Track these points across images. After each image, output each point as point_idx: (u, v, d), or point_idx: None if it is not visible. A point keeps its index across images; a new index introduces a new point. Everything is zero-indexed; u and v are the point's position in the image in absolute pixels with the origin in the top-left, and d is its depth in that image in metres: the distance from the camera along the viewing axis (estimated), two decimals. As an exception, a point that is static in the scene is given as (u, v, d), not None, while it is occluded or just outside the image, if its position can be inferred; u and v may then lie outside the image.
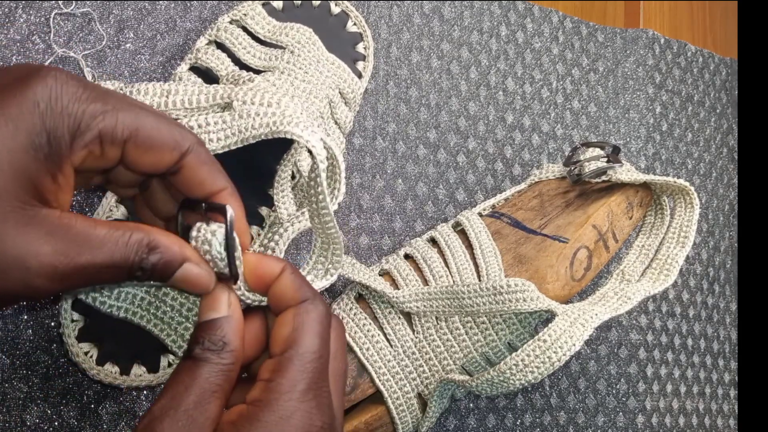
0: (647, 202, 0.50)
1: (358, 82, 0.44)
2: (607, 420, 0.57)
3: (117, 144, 0.26)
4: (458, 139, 0.53)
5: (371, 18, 0.51)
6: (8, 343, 0.37)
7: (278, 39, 0.41)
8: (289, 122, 0.31)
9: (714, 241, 0.66)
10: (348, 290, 0.45)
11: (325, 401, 0.27)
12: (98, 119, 0.25)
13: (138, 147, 0.26)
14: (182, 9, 0.44)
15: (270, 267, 0.29)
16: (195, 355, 0.27)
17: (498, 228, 0.47)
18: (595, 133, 0.61)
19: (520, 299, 0.40)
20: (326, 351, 0.28)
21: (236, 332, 0.28)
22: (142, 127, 0.26)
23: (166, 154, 0.27)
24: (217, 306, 0.28)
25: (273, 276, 0.29)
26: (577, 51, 0.61)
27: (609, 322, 0.58)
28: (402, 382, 0.43)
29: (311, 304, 0.28)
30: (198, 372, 0.26)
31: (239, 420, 0.26)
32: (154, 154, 0.27)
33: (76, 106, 0.25)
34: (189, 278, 0.27)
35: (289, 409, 0.26)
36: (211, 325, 0.27)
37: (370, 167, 0.50)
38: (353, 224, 0.48)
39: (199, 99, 0.33)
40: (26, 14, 0.39)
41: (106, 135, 0.25)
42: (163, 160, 0.27)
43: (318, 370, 0.27)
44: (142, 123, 0.26)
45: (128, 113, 0.26)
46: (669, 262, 0.46)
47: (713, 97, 0.69)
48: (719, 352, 0.65)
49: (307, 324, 0.28)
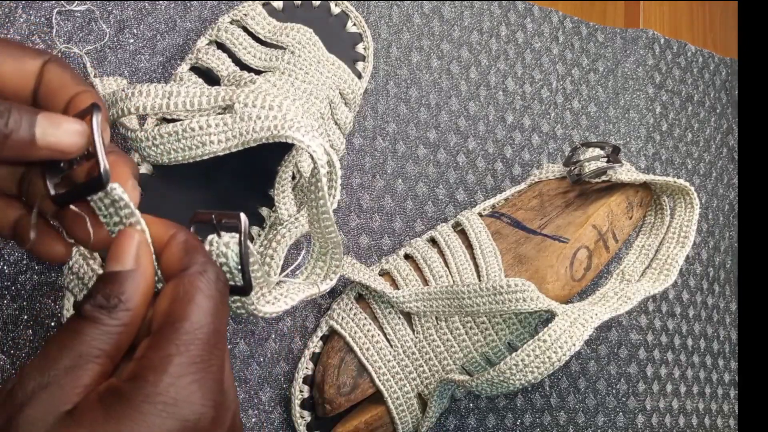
0: (647, 202, 0.50)
1: (358, 83, 0.44)
2: (607, 420, 0.57)
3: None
4: (458, 139, 0.53)
5: (371, 18, 0.51)
6: (8, 343, 0.37)
7: (279, 39, 0.41)
8: (290, 126, 0.31)
9: (714, 241, 0.67)
10: (348, 290, 0.45)
11: (212, 378, 0.24)
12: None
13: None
14: (182, 9, 0.44)
15: (158, 232, 0.26)
16: (83, 311, 0.23)
17: (498, 228, 0.47)
18: (595, 133, 0.61)
19: (520, 299, 0.40)
20: (217, 322, 0.25)
21: (139, 290, 0.24)
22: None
23: (28, 60, 0.27)
24: (123, 257, 0.24)
25: (162, 243, 0.26)
26: (577, 51, 0.61)
27: (609, 322, 0.58)
28: (402, 382, 0.43)
29: (197, 272, 0.25)
30: (81, 332, 0.23)
31: (106, 393, 0.23)
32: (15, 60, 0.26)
33: None
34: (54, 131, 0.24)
35: (161, 387, 0.23)
36: (111, 279, 0.24)
37: (370, 167, 0.50)
38: (353, 224, 0.48)
39: (200, 101, 0.33)
40: (26, 14, 0.39)
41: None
42: (26, 66, 0.27)
43: (202, 344, 0.24)
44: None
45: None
46: (669, 262, 0.47)
47: (713, 97, 0.69)
48: (719, 352, 0.65)
49: (189, 294, 0.24)
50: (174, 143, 0.33)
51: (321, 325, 0.45)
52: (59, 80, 0.27)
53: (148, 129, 0.34)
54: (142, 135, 0.34)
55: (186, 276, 0.25)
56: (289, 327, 0.45)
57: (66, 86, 0.27)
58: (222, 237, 0.27)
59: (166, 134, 0.33)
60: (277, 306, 0.30)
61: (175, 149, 0.33)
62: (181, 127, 0.33)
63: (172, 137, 0.33)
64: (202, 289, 0.25)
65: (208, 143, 0.32)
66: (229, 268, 0.27)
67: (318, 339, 0.44)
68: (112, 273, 0.24)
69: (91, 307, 0.23)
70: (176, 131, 0.33)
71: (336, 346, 0.43)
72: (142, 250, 0.25)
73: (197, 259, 0.25)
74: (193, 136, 0.33)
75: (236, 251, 0.27)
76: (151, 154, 0.34)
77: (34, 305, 0.38)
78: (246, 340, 0.44)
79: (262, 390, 0.44)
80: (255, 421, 0.44)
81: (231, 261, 0.27)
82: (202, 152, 0.33)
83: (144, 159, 0.35)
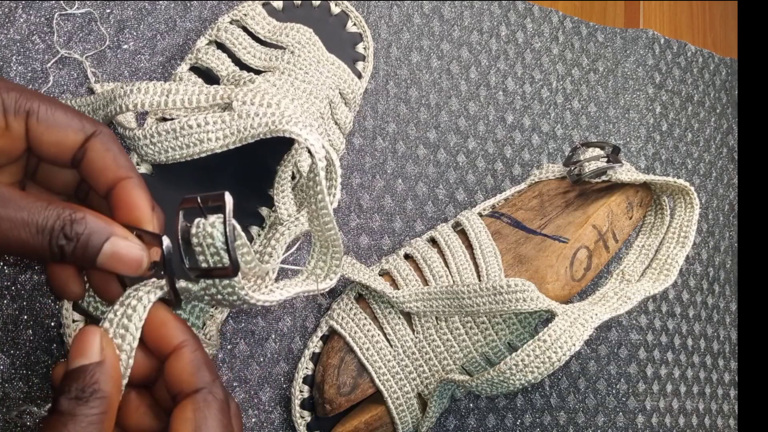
0: (647, 202, 0.50)
1: (358, 83, 0.44)
2: (607, 420, 0.57)
3: (20, 116, 0.26)
4: (458, 139, 0.53)
5: (371, 18, 0.51)
6: (8, 343, 0.37)
7: (278, 39, 0.41)
8: (288, 121, 0.31)
9: (714, 241, 0.66)
10: (348, 290, 0.45)
11: None
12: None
13: (41, 122, 0.27)
14: (182, 9, 0.44)
15: (168, 336, 0.27)
16: (60, 408, 0.24)
17: (498, 228, 0.47)
18: (595, 133, 0.61)
19: (520, 299, 0.40)
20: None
21: (111, 378, 0.25)
22: (44, 103, 0.27)
23: (70, 134, 0.27)
24: (87, 351, 0.25)
25: (170, 346, 0.27)
26: (577, 51, 0.61)
27: (609, 322, 0.58)
28: (402, 382, 0.43)
29: (210, 394, 0.26)
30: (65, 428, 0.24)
31: None
32: (58, 131, 0.27)
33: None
34: (118, 252, 0.26)
35: None
36: (81, 372, 0.25)
37: (370, 167, 0.49)
38: (353, 224, 0.48)
39: (199, 99, 0.33)
40: (26, 14, 0.39)
41: (8, 105, 0.26)
42: (67, 140, 0.27)
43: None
44: (43, 100, 0.27)
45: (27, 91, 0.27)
46: (669, 262, 0.46)
47: (713, 97, 0.69)
48: (719, 352, 0.65)
49: (209, 419, 0.26)
50: (172, 141, 0.33)
51: (321, 325, 0.45)
52: (102, 161, 0.28)
53: (146, 127, 0.34)
54: (140, 133, 0.34)
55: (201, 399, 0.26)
56: (289, 327, 0.45)
57: (108, 169, 0.28)
58: (208, 218, 0.27)
59: (164, 131, 0.33)
60: (272, 296, 0.30)
61: (172, 147, 0.33)
62: (178, 125, 0.33)
63: (170, 135, 0.33)
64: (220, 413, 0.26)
65: (205, 140, 0.32)
66: (216, 249, 0.27)
67: (318, 339, 0.44)
68: (81, 367, 0.25)
69: (68, 401, 0.24)
70: (174, 128, 0.33)
71: (336, 346, 0.43)
72: (106, 342, 0.26)
73: (207, 379, 0.27)
74: (190, 134, 0.33)
75: (222, 230, 0.26)
76: (149, 153, 0.34)
77: (34, 305, 0.38)
78: (246, 340, 0.44)
79: (262, 390, 0.44)
80: (255, 421, 0.44)
81: (217, 241, 0.26)
82: (200, 150, 0.33)
83: (142, 159, 0.35)
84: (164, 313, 0.27)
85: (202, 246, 0.27)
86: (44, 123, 0.27)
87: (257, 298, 0.29)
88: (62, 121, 0.27)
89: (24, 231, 0.24)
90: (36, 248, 0.25)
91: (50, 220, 0.25)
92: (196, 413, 0.26)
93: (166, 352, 0.27)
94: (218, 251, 0.27)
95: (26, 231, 0.24)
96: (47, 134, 0.27)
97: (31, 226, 0.25)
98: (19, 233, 0.24)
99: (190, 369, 0.27)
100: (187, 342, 0.27)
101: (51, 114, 0.27)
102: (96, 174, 0.28)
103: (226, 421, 0.26)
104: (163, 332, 0.27)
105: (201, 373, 0.27)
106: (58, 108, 0.28)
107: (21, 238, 0.24)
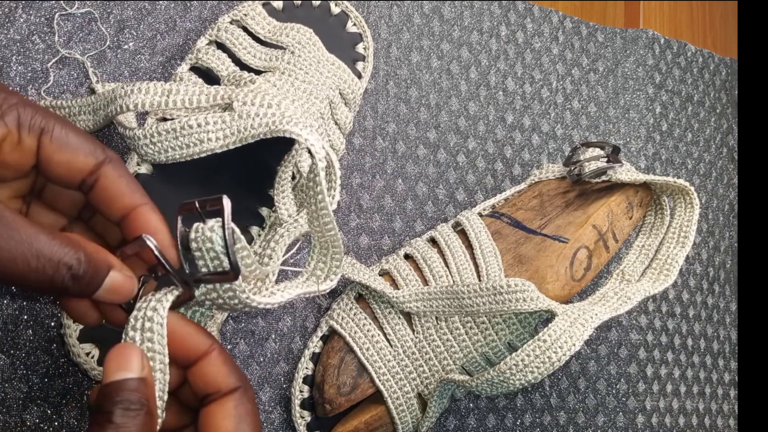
0: (647, 202, 0.50)
1: (358, 83, 0.44)
2: (607, 420, 0.57)
3: (34, 132, 0.26)
4: (458, 139, 0.53)
5: (371, 18, 0.51)
6: (8, 343, 0.37)
7: (278, 39, 0.41)
8: (288, 122, 0.31)
9: (714, 241, 0.66)
10: (348, 290, 0.45)
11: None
12: (15, 104, 0.26)
13: (54, 141, 0.27)
14: (182, 9, 0.44)
15: (195, 344, 0.28)
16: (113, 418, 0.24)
17: (498, 228, 0.47)
18: (595, 133, 0.61)
19: (520, 299, 0.40)
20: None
21: (152, 393, 0.26)
22: (59, 123, 0.27)
23: (81, 156, 0.27)
24: (131, 365, 0.26)
25: (197, 353, 0.28)
26: (577, 51, 0.61)
27: (609, 322, 0.58)
28: (402, 382, 0.43)
29: (245, 394, 0.28)
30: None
31: None
32: (69, 153, 0.27)
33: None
34: (115, 286, 0.27)
35: None
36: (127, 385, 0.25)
37: (370, 167, 0.50)
38: (353, 224, 0.48)
39: (199, 99, 0.33)
40: (26, 14, 0.39)
41: (24, 120, 0.26)
42: (77, 162, 0.27)
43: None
44: (58, 121, 0.27)
45: (43, 110, 0.27)
46: (669, 262, 0.47)
47: (713, 97, 0.69)
48: (719, 352, 0.65)
49: (249, 415, 0.28)
50: (172, 140, 0.33)
51: (321, 325, 0.45)
52: (116, 188, 0.28)
53: (147, 127, 0.34)
54: (140, 133, 0.34)
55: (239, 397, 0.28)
56: (289, 327, 0.45)
57: (124, 195, 0.28)
58: (207, 223, 0.27)
59: (164, 131, 0.33)
60: (273, 299, 0.30)
61: (172, 147, 0.33)
62: (179, 124, 0.33)
63: (170, 134, 0.33)
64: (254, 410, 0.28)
65: (206, 140, 0.32)
66: (216, 253, 0.27)
67: (318, 339, 0.44)
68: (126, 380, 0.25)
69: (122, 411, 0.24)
70: (174, 128, 0.33)
71: (336, 346, 0.43)
72: (145, 360, 0.26)
73: (241, 379, 0.28)
74: (191, 134, 0.33)
75: (221, 234, 0.26)
76: (149, 153, 0.34)
77: (34, 305, 0.38)
78: (246, 340, 0.44)
79: (262, 390, 0.44)
80: (255, 421, 0.44)
81: (217, 245, 0.26)
82: (200, 150, 0.33)
83: (143, 159, 0.35)
84: (183, 326, 0.28)
85: (201, 251, 0.27)
86: (57, 142, 0.27)
87: (259, 302, 0.29)
88: (75, 143, 0.27)
89: (23, 263, 0.24)
90: (37, 282, 0.25)
91: (55, 255, 0.25)
92: (237, 409, 0.27)
93: (193, 359, 0.28)
94: (218, 255, 0.27)
95: (25, 264, 0.24)
96: (58, 154, 0.27)
97: (39, 260, 0.24)
98: (18, 266, 0.24)
99: (225, 370, 0.28)
100: (215, 345, 0.28)
101: (65, 135, 0.27)
102: (109, 200, 0.28)
103: (258, 417, 0.28)
104: (189, 342, 0.28)
105: (238, 373, 0.28)
106: (71, 130, 0.28)
107: (28, 272, 0.24)
